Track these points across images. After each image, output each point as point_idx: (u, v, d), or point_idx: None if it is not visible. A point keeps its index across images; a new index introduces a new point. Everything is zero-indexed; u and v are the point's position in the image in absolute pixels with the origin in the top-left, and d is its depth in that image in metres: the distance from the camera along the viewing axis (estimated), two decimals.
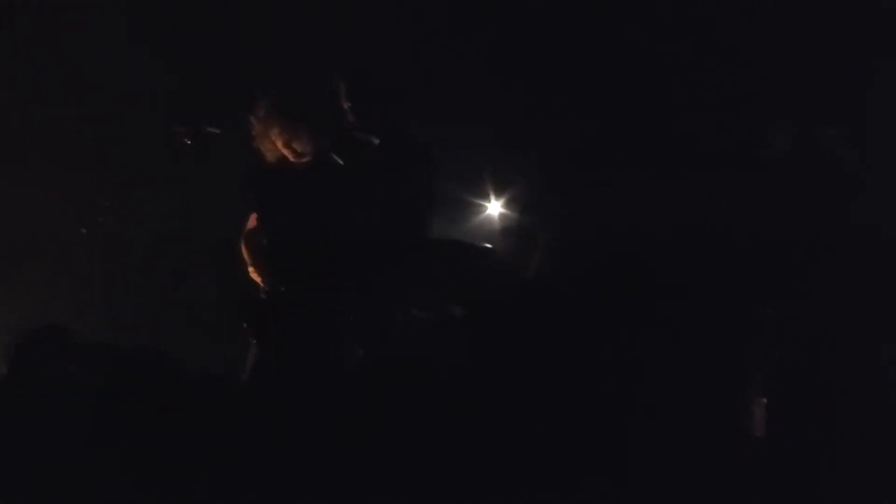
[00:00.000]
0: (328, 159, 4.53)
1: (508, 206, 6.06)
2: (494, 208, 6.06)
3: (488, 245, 5.09)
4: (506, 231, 6.02)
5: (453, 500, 3.31)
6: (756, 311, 4.64)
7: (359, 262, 4.40)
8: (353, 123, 4.57)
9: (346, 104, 4.56)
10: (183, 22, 5.84)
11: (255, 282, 4.68)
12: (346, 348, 4.36)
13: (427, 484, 3.33)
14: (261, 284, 4.64)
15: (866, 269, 4.56)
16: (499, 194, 6.04)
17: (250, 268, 4.69)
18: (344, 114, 4.55)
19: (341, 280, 4.40)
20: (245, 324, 4.49)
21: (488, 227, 6.03)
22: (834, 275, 4.58)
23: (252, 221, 4.72)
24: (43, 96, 5.90)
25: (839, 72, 5.16)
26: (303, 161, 4.58)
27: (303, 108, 4.57)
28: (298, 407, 3.59)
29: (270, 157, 4.61)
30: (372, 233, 4.43)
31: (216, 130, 5.15)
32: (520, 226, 6.03)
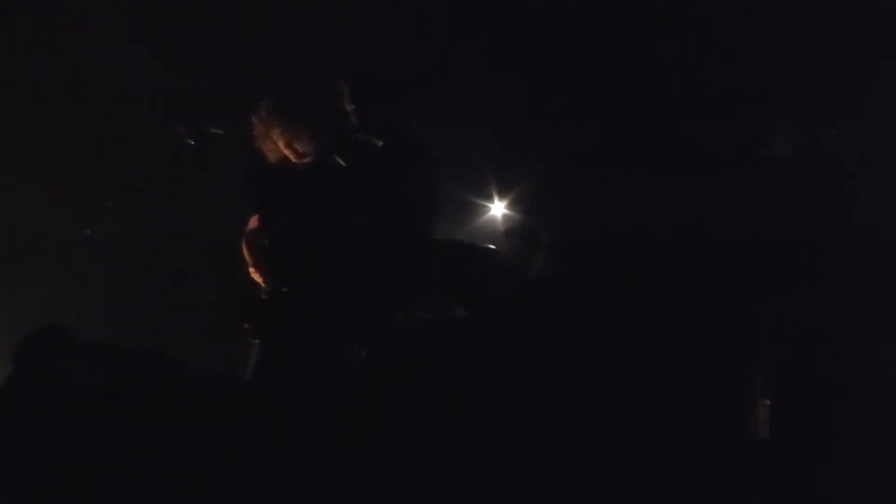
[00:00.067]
0: (330, 160, 4.52)
1: (511, 206, 6.05)
2: (497, 209, 6.06)
3: (491, 246, 5.08)
4: (508, 232, 6.02)
5: (454, 500, 3.31)
6: (757, 311, 4.63)
7: (360, 262, 4.39)
8: (354, 124, 4.56)
9: (349, 105, 4.56)
10: (183, 22, 5.84)
11: (257, 282, 4.68)
12: (348, 349, 4.36)
13: (428, 484, 3.32)
14: (262, 285, 4.64)
15: (866, 268, 4.56)
16: (501, 195, 6.03)
17: (251, 268, 4.68)
18: (346, 114, 4.55)
19: (343, 281, 4.40)
20: (246, 324, 4.48)
21: (491, 228, 6.02)
22: (834, 275, 4.58)
23: (253, 222, 4.71)
24: (46, 98, 5.90)
25: (840, 72, 5.16)
26: (304, 162, 4.57)
27: (304, 108, 4.55)
28: (299, 407, 3.58)
29: (272, 157, 4.60)
30: (373, 233, 4.42)
31: (219, 131, 5.15)
32: (522, 226, 6.02)
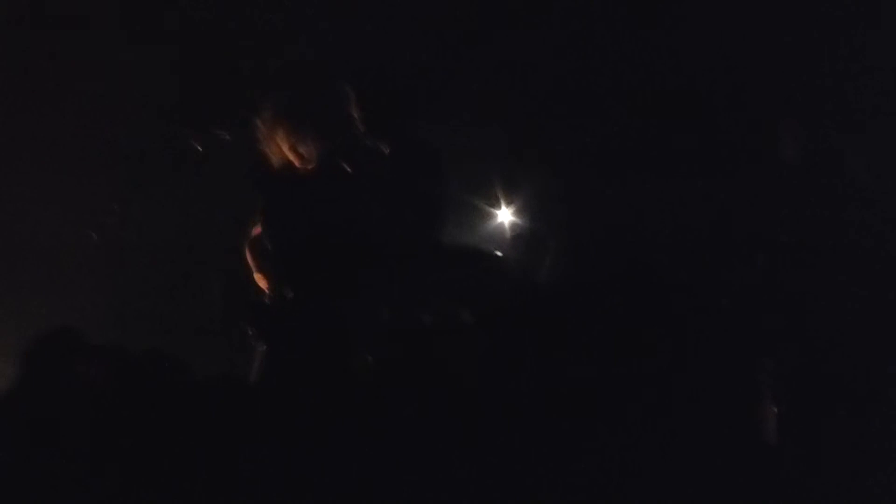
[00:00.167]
0: (335, 164, 4.51)
1: (518, 213, 6.05)
2: (504, 215, 6.05)
3: (497, 252, 5.08)
4: (515, 238, 6.01)
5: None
6: (765, 319, 4.62)
7: (366, 268, 4.38)
8: (361, 129, 4.55)
9: (356, 111, 4.55)
10: (186, 23, 5.85)
11: (262, 287, 4.67)
12: (354, 354, 4.35)
13: (434, 489, 3.32)
14: (266, 290, 4.63)
15: (876, 274, 4.55)
16: (508, 201, 6.03)
17: (256, 274, 4.68)
18: (352, 120, 4.53)
19: (348, 286, 4.39)
20: (251, 329, 4.48)
21: (498, 234, 6.02)
22: (842, 280, 4.57)
23: (257, 228, 4.69)
24: (52, 101, 5.91)
25: (843, 74, 5.16)
26: (309, 167, 4.54)
27: (309, 111, 4.53)
28: (305, 412, 3.58)
29: (275, 161, 4.56)
30: (379, 238, 4.41)
31: (227, 136, 5.15)
32: (530, 232, 6.02)
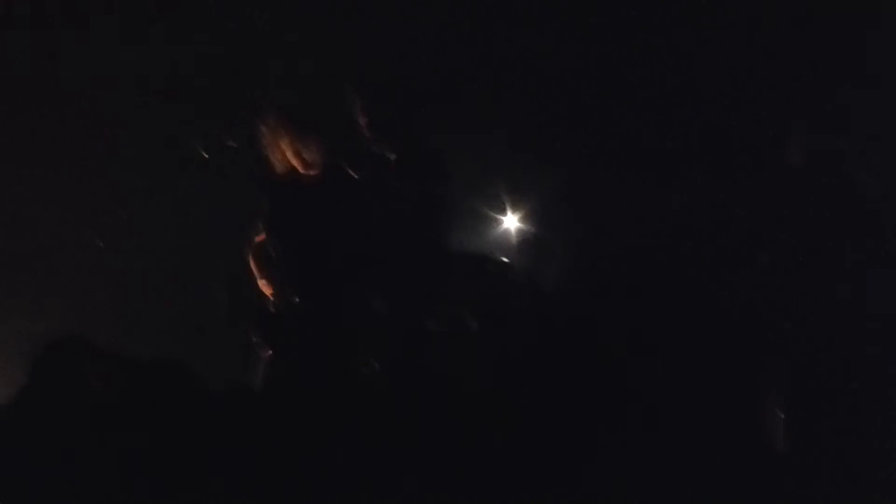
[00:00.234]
0: (339, 170, 4.52)
1: (524, 218, 6.05)
2: (510, 221, 6.05)
3: (504, 259, 5.08)
4: (521, 244, 6.01)
5: None
6: (771, 325, 4.62)
7: (371, 274, 4.39)
8: (366, 135, 4.56)
9: (362, 118, 4.55)
10: (188, 24, 5.85)
11: (266, 293, 4.67)
12: (359, 361, 4.36)
13: (439, 493, 3.33)
14: (271, 296, 4.64)
15: (882, 278, 4.54)
16: (514, 208, 6.03)
17: (261, 280, 4.68)
18: (358, 126, 4.54)
19: (353, 292, 4.40)
20: (256, 335, 4.49)
21: (504, 240, 6.02)
22: (840, 277, 4.56)
23: (262, 234, 4.70)
24: (60, 107, 5.93)
25: (844, 75, 5.16)
26: (313, 172, 4.55)
27: (314, 116, 4.54)
28: (310, 417, 3.59)
29: (279, 167, 4.55)
30: (384, 245, 4.41)
31: (234, 144, 5.16)
32: (536, 239, 6.02)
